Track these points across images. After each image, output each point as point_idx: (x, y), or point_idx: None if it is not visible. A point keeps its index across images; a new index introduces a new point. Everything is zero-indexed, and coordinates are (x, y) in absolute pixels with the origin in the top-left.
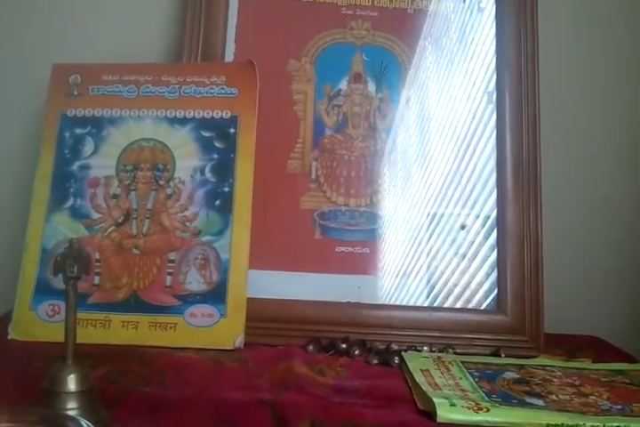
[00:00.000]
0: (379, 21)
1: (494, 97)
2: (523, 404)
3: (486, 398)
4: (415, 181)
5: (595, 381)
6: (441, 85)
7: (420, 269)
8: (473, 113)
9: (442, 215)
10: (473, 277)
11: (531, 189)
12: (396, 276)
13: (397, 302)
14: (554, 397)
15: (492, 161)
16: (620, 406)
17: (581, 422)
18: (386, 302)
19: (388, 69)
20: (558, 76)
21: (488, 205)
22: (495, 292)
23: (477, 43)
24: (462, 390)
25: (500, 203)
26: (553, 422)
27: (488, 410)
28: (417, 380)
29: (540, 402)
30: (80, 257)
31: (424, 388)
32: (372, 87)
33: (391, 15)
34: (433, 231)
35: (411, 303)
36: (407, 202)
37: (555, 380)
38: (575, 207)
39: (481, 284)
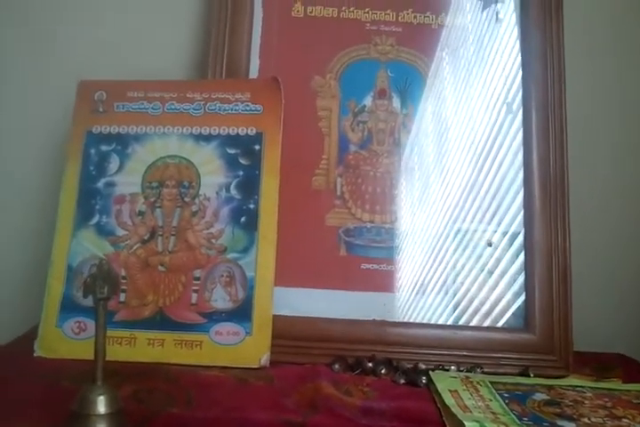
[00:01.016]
0: (403, 37)
1: (514, 107)
2: None
3: (518, 422)
4: (440, 198)
5: (626, 402)
6: (462, 97)
7: (447, 286)
8: (492, 123)
9: (468, 232)
10: (500, 294)
11: (559, 205)
12: (422, 293)
13: (423, 320)
14: (586, 420)
15: (519, 174)
16: None
17: None
18: (411, 320)
19: (413, 85)
20: (584, 89)
21: (515, 221)
22: (523, 310)
23: (496, 53)
24: (493, 413)
25: (528, 219)
26: None
27: None
28: (446, 402)
29: (572, 425)
30: (109, 278)
31: (454, 410)
32: (396, 103)
33: (415, 30)
34: (459, 248)
35: (437, 321)
36: (432, 219)
37: (586, 401)
38: (600, 222)
39: (508, 301)
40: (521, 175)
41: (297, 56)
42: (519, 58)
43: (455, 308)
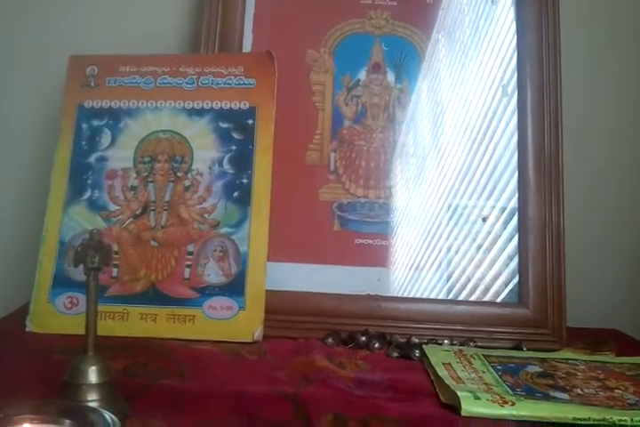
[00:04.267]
0: (398, 11)
1: (509, 89)
2: (547, 398)
3: (510, 392)
4: (434, 173)
5: (619, 374)
6: (457, 78)
7: (441, 261)
8: (488, 105)
9: (462, 207)
10: (494, 269)
11: (553, 180)
12: (416, 268)
13: (417, 295)
14: (579, 390)
15: (514, 154)
16: None
17: (609, 417)
18: (405, 295)
19: (408, 59)
20: (580, 67)
21: (510, 197)
22: (517, 285)
23: (492, 35)
24: (486, 384)
25: (522, 194)
26: (580, 416)
27: (513, 404)
28: (439, 373)
29: (565, 396)
30: (101, 248)
31: (447, 381)
32: (391, 77)
33: (410, 4)
34: (454, 224)
35: (431, 296)
36: (427, 194)
37: (578, 373)
38: (596, 199)
39: (502, 277)
40: (516, 154)
41: (291, 30)
42: (515, 40)
43: (450, 282)
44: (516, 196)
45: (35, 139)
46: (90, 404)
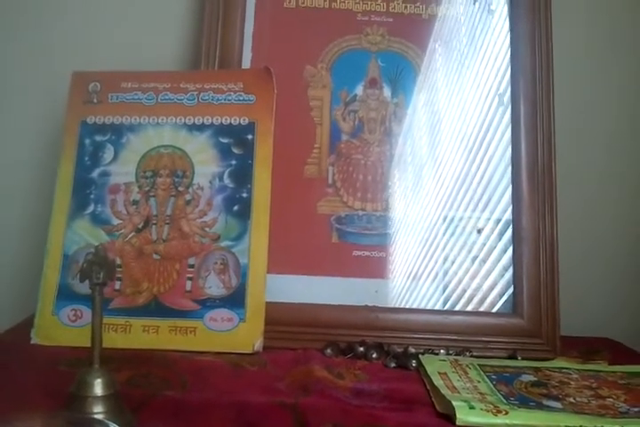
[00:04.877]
0: (394, 27)
1: (505, 99)
2: (541, 406)
3: (504, 401)
4: (430, 185)
5: (612, 383)
6: (453, 88)
7: (437, 272)
8: (484, 115)
9: (458, 219)
10: (489, 280)
11: (546, 193)
12: (413, 279)
13: (414, 306)
14: (571, 399)
15: (509, 166)
16: (637, 409)
17: (599, 425)
18: (403, 306)
19: (404, 75)
20: (573, 79)
21: (504, 208)
22: (511, 295)
23: (488, 45)
24: (480, 393)
25: (516, 206)
26: (571, 425)
27: (507, 413)
28: (435, 383)
29: (558, 405)
30: (106, 263)
31: (443, 391)
32: (387, 92)
33: (406, 21)
34: (449, 235)
35: (427, 307)
36: (423, 206)
37: (572, 382)
38: (590, 210)
39: (497, 287)
40: (510, 165)
41: (289, 46)
42: (510, 51)
43: (446, 293)
44: (511, 208)
45: (39, 154)
46: (96, 416)
